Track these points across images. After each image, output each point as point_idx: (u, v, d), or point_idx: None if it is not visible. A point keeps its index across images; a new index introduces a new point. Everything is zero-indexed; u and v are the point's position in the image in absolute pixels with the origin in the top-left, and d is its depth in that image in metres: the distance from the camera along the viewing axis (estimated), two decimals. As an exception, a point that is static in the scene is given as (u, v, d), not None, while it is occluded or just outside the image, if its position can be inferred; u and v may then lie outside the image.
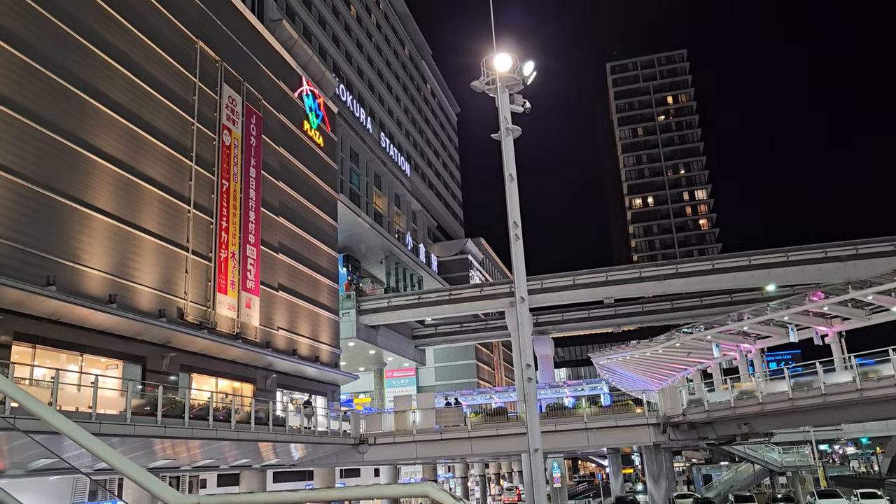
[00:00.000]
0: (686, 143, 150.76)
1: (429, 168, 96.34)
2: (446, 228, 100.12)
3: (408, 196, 78.18)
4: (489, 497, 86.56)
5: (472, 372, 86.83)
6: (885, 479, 64.72)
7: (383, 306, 59.40)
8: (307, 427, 34.56)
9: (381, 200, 69.91)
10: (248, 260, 39.28)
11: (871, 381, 27.51)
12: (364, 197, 64.63)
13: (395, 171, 76.31)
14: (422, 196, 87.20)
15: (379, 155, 71.52)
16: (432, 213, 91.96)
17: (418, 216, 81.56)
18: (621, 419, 36.56)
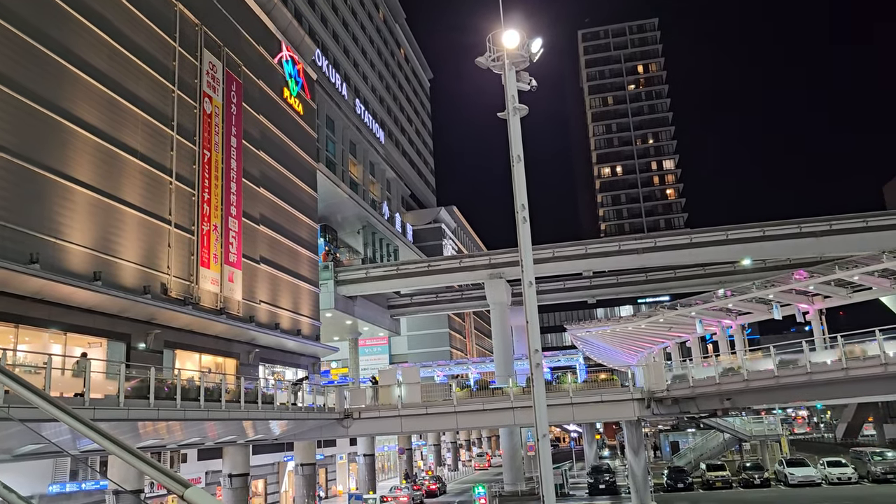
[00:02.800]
0: (655, 112, 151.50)
1: (402, 135, 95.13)
2: (419, 197, 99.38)
3: (382, 164, 77.15)
4: (460, 463, 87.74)
5: (444, 341, 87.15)
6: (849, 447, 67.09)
7: (361, 277, 58.85)
8: (294, 404, 34.16)
9: (356, 168, 68.84)
10: (231, 232, 38.31)
11: (857, 361, 28.12)
12: (340, 165, 63.54)
13: (370, 138, 75.11)
14: (396, 164, 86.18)
15: (354, 122, 70.21)
16: (406, 181, 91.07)
17: (392, 184, 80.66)
18: (606, 394, 36.96)
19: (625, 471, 59.40)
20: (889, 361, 27.25)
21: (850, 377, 28.30)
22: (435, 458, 74.51)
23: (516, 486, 52.08)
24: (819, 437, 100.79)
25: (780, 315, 41.12)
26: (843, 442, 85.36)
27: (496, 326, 58.62)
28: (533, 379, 21.43)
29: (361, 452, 55.67)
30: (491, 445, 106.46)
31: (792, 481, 45.84)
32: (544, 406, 21.61)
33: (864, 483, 45.33)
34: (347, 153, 65.91)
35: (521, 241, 22.67)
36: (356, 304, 61.17)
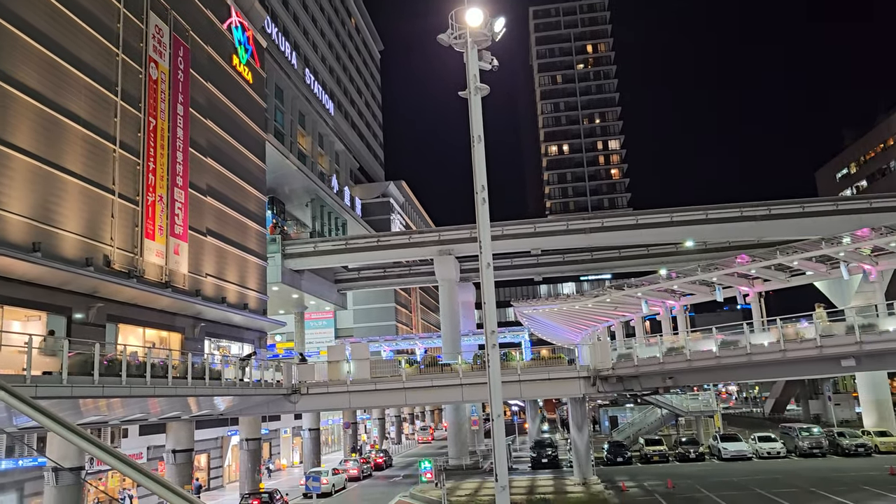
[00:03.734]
0: (603, 92, 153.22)
1: (352, 107, 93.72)
2: (368, 170, 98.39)
3: (331, 136, 75.97)
4: (404, 436, 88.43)
5: (390, 315, 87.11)
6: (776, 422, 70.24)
7: (309, 251, 58.09)
8: (242, 379, 33.66)
9: (305, 140, 67.61)
10: (177, 204, 37.20)
11: (794, 343, 29.32)
12: (289, 136, 62.30)
13: (320, 109, 73.76)
14: (345, 136, 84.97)
15: (303, 92, 68.79)
16: (355, 154, 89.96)
17: (341, 157, 79.58)
18: (554, 372, 37.59)
19: (566, 445, 60.92)
20: (824, 344, 28.50)
21: (788, 358, 29.52)
22: (379, 431, 74.86)
23: (461, 460, 52.80)
24: (748, 412, 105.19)
25: (722, 297, 42.55)
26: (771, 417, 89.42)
27: (444, 303, 58.86)
28: (489, 360, 21.61)
29: (307, 427, 55.51)
30: (434, 419, 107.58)
31: (725, 455, 47.73)
32: (499, 387, 21.87)
33: (791, 457, 47.56)
34: (296, 124, 64.63)
35: (479, 222, 22.74)
36: (303, 278, 60.46)
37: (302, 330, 66.60)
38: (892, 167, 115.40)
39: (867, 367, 32.15)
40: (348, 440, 64.06)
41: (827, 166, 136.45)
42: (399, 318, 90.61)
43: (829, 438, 48.65)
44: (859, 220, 51.13)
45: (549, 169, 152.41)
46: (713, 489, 35.41)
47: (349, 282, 71.27)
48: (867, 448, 46.41)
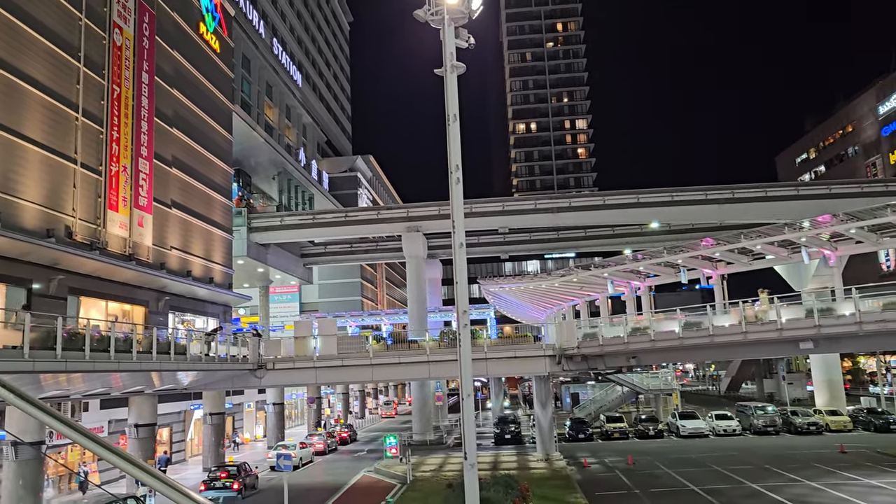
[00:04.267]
0: (571, 71, 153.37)
1: (320, 79, 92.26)
2: (335, 144, 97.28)
3: (299, 108, 74.82)
4: (367, 411, 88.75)
5: (356, 290, 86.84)
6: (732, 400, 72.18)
7: (276, 225, 57.42)
8: (208, 354, 33.32)
9: (272, 112, 66.49)
10: (141, 174, 36.38)
11: (756, 325, 30.05)
12: (255, 107, 61.18)
13: (287, 80, 72.51)
14: (312, 109, 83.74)
15: (271, 63, 67.50)
16: (322, 126, 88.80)
17: (308, 130, 78.49)
18: (520, 350, 38.00)
19: (528, 421, 61.79)
20: (784, 327, 29.28)
21: (749, 340, 30.29)
22: (343, 406, 74.98)
23: (425, 436, 53.23)
24: (705, 390, 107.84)
25: (686, 279, 43.34)
26: (727, 395, 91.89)
27: (411, 280, 58.85)
28: (460, 340, 21.69)
29: (271, 401, 55.41)
30: (398, 394, 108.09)
31: (683, 433, 48.95)
32: (469, 367, 21.99)
33: (746, 435, 48.98)
34: (263, 95, 63.47)
35: (453, 202, 22.60)
36: (269, 252, 59.82)
37: (267, 304, 66.08)
38: (850, 153, 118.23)
39: (824, 350, 33.20)
40: (312, 415, 64.08)
41: (787, 151, 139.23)
42: (365, 293, 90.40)
43: (783, 417, 50.21)
44: (819, 206, 52.43)
45: (516, 147, 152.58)
46: (672, 466, 36.33)
47: (315, 256, 70.76)
48: (819, 426, 48.03)
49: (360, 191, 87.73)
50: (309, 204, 70.24)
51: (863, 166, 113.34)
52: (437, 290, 73.61)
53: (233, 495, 32.83)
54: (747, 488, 29.50)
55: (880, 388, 62.65)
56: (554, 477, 34.17)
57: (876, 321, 26.98)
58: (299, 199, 67.39)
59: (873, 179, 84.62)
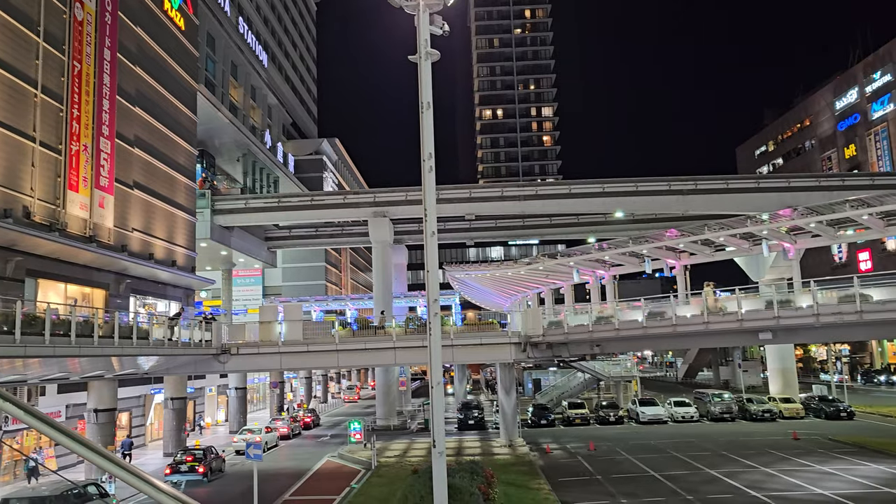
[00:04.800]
0: (538, 59, 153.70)
1: (286, 60, 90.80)
2: (301, 126, 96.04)
3: (264, 89, 73.63)
4: (330, 395, 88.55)
5: (320, 274, 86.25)
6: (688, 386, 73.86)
7: (240, 207, 56.58)
8: (171, 339, 32.81)
9: (237, 92, 65.33)
10: (102, 154, 35.47)
11: (717, 316, 30.72)
12: (220, 87, 60.04)
13: (253, 60, 71.24)
14: (278, 90, 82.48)
15: (236, 42, 66.21)
16: (288, 108, 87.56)
17: (274, 111, 77.33)
18: (486, 338, 38.17)
19: (491, 407, 62.34)
20: (744, 317, 29.98)
21: (711, 330, 30.98)
22: (306, 390, 74.64)
23: (389, 421, 53.33)
24: (662, 376, 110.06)
25: (650, 269, 44.02)
26: (684, 381, 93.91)
27: (377, 265, 58.64)
28: (430, 329, 21.71)
29: (233, 385, 54.94)
30: (360, 378, 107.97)
31: (643, 419, 49.88)
32: (439, 355, 22.05)
33: (704, 421, 50.16)
34: (228, 75, 62.29)
35: (425, 191, 22.52)
36: (233, 235, 58.97)
37: (229, 287, 65.27)
38: (807, 147, 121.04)
39: (782, 340, 34.10)
40: (275, 399, 63.74)
41: (747, 143, 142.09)
42: (329, 277, 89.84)
43: (739, 404, 51.52)
44: (779, 198, 53.67)
45: (482, 133, 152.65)
46: (632, 452, 37.05)
47: (280, 240, 69.99)
48: (773, 413, 49.44)
49: (325, 174, 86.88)
50: (274, 187, 69.36)
51: (819, 160, 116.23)
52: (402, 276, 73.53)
53: (198, 479, 32.64)
54: (705, 474, 30.25)
55: (831, 376, 64.70)
56: (517, 463, 34.57)
57: (832, 313, 27.80)
58: (264, 181, 66.47)
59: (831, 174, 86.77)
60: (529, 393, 71.93)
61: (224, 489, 32.31)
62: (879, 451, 34.20)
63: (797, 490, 26.48)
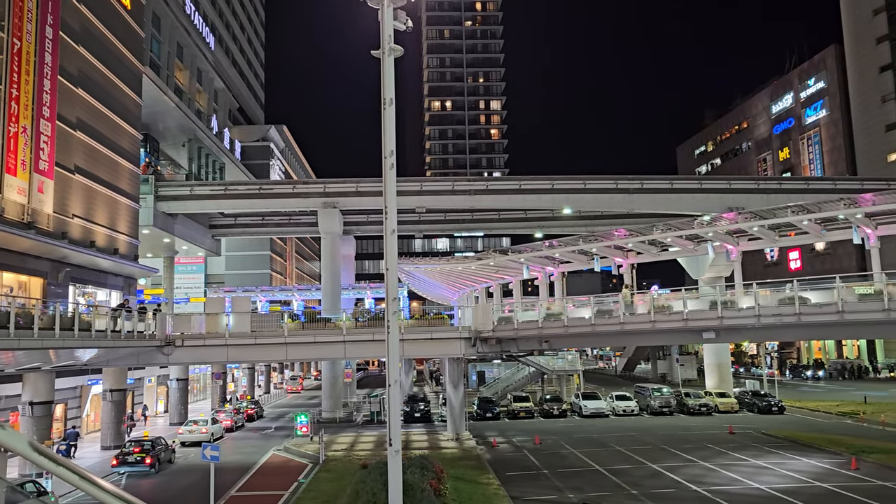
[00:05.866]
0: (488, 52, 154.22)
1: (233, 43, 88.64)
2: (247, 111, 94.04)
3: (211, 72, 71.75)
4: (272, 386, 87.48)
5: (265, 263, 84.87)
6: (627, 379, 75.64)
7: (185, 194, 55.11)
8: (115, 330, 31.83)
9: (182, 74, 63.46)
10: (42, 137, 34.04)
11: (664, 315, 31.60)
12: (165, 69, 58.19)
13: (200, 42, 69.31)
14: (225, 73, 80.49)
15: (183, 23, 64.27)
16: (234, 93, 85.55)
17: (220, 95, 75.47)
18: (436, 332, 38.38)
19: (437, 399, 62.67)
20: (689, 317, 30.92)
21: (657, 329, 31.82)
22: (249, 381, 73.50)
23: (335, 413, 53.07)
24: (601, 369, 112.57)
25: (599, 267, 44.91)
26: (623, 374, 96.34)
27: (326, 257, 58.07)
28: (388, 327, 21.65)
29: (174, 377, 53.69)
30: (303, 368, 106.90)
31: (585, 412, 50.95)
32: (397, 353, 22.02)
33: (643, 415, 51.58)
34: (174, 57, 60.43)
35: (386, 188, 22.31)
36: (177, 222, 57.44)
37: (171, 275, 63.63)
38: (744, 148, 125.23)
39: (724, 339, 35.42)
40: (217, 390, 62.60)
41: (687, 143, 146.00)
42: (274, 266, 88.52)
43: (677, 398, 53.16)
44: (720, 199, 55.46)
45: (431, 124, 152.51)
46: (577, 446, 37.82)
47: (225, 228, 68.49)
48: (709, 408, 51.20)
49: (272, 161, 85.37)
50: (220, 173, 67.77)
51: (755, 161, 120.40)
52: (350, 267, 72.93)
53: (145, 470, 32.11)
54: (648, 469, 31.13)
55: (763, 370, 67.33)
56: (465, 457, 34.83)
57: (773, 315, 28.95)
58: (210, 167, 64.87)
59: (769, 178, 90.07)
60: (474, 385, 72.44)
61: (170, 482, 31.66)
62: (809, 445, 35.81)
63: (735, 485, 27.53)
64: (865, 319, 27.67)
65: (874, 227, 32.78)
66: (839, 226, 34.91)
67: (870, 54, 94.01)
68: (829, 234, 36.32)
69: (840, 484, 26.88)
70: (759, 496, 25.64)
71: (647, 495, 26.14)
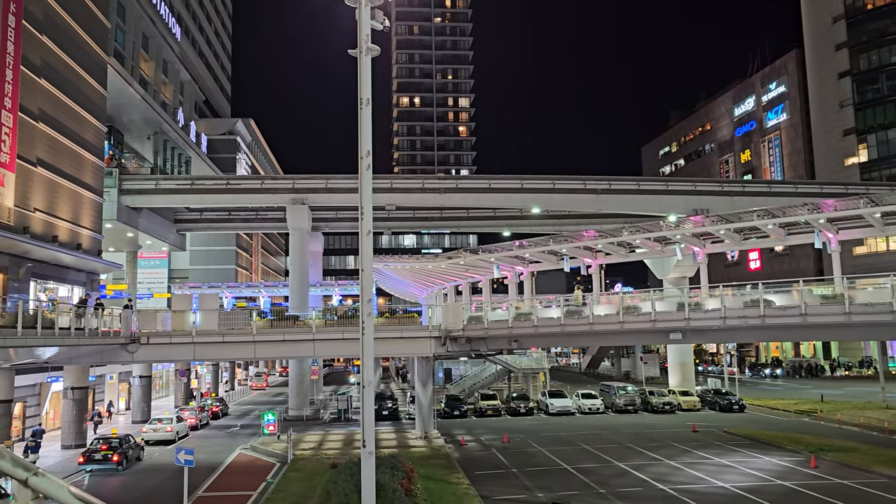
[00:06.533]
0: (458, 49, 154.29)
1: (200, 34, 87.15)
2: (213, 104, 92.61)
3: (177, 63, 70.53)
4: (237, 382, 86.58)
5: (230, 258, 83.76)
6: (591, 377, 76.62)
7: (150, 188, 54.07)
8: (79, 328, 31.12)
9: (147, 65, 62.29)
10: (3, 128, 33.09)
11: (632, 316, 32.05)
12: (130, 60, 57.08)
13: (165, 33, 68.03)
14: (191, 65, 79.14)
15: (149, 12, 63.02)
16: (201, 85, 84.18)
17: (186, 87, 74.22)
18: (406, 331, 38.32)
19: (403, 397, 62.68)
20: (657, 318, 31.42)
21: (625, 329, 32.26)
22: (213, 378, 72.54)
23: (301, 411, 52.74)
24: (566, 366, 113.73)
25: (568, 267, 45.33)
26: (587, 372, 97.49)
27: (294, 254, 57.53)
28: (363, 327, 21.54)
29: (137, 374, 52.82)
30: (268, 365, 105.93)
31: (552, 410, 51.50)
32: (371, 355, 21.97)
33: (609, 413, 52.31)
34: (139, 47, 59.27)
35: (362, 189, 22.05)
36: (141, 217, 56.35)
37: (134, 270, 62.39)
38: (707, 150, 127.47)
39: (690, 340, 36.05)
40: (182, 387, 61.71)
41: (652, 143, 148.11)
42: (240, 262, 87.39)
43: (642, 397, 54.02)
44: (685, 201, 56.37)
45: (399, 120, 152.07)
46: (544, 444, 38.20)
47: (191, 222, 67.37)
48: (672, 406, 52.13)
49: (239, 155, 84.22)
50: (185, 167, 66.63)
51: (717, 163, 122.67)
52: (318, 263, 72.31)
53: (112, 468, 31.78)
54: (615, 467, 31.59)
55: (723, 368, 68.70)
56: (434, 456, 34.95)
57: (738, 317, 29.59)
58: (175, 161, 63.72)
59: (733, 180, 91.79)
60: (440, 382, 72.44)
61: (137, 481, 31.19)
62: (770, 443, 36.72)
63: (700, 483, 28.09)
64: (827, 322, 28.45)
65: (835, 231, 33.67)
66: (802, 230, 35.78)
67: (829, 60, 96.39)
68: (791, 237, 37.21)
69: (801, 482, 27.61)
70: (724, 495, 26.20)
71: (615, 494, 26.53)
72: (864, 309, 27.39)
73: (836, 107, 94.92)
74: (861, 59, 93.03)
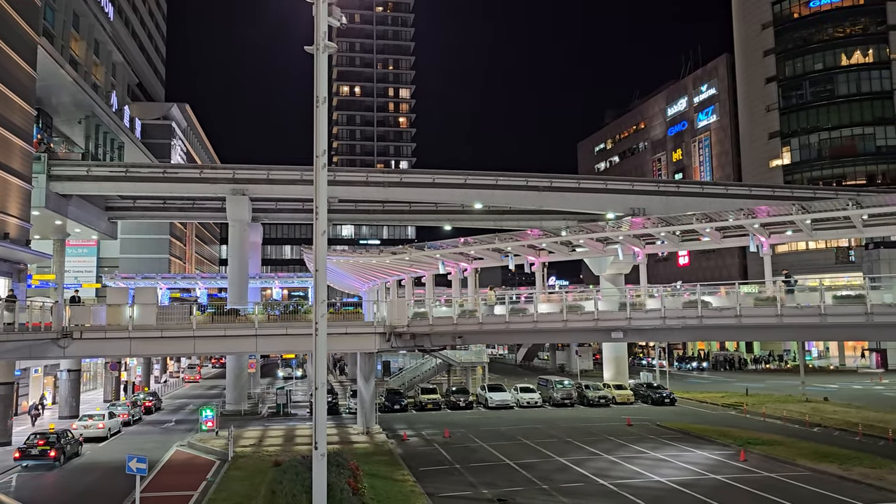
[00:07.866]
0: (399, 39, 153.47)
1: (133, 14, 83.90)
2: (147, 87, 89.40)
3: (109, 44, 67.74)
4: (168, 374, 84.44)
5: (164, 247, 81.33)
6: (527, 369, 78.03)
7: (81, 174, 51.89)
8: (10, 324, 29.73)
9: (78, 45, 59.66)
10: (-74, 111, 31.24)
11: (576, 315, 32.81)
12: (60, 39, 54.54)
13: (98, 12, 65.20)
14: (124, 46, 76.17)
15: (80, -11, 60.30)
16: (134, 67, 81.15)
17: (119, 69, 71.40)
18: (352, 327, 38.06)
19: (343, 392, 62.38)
20: (600, 317, 32.28)
21: (569, 328, 32.98)
22: (144, 370, 70.46)
23: (239, 406, 51.87)
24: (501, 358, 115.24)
25: (513, 265, 46.00)
26: (522, 364, 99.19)
27: (234, 245, 56.28)
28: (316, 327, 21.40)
29: (65, 367, 50.88)
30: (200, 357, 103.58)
31: (491, 404, 52.20)
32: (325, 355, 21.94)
33: (546, 407, 53.40)
34: (70, 26, 56.68)
35: (317, 189, 22.05)
36: (71, 204, 54.06)
37: (62, 259, 59.85)
38: (641, 148, 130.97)
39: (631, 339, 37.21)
40: (111, 381, 59.76)
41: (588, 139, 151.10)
42: (173, 251, 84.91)
43: (578, 390, 55.36)
44: (623, 200, 57.94)
45: (339, 109, 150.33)
46: (485, 439, 38.69)
47: (123, 210, 64.98)
48: (607, 400, 53.67)
49: (173, 141, 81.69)
50: (119, 153, 64.17)
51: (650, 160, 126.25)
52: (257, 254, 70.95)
53: (49, 463, 31.07)
54: (556, 462, 32.28)
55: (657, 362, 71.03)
56: (377, 452, 34.91)
57: (677, 317, 30.67)
58: (108, 146, 61.25)
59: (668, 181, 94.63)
60: (379, 375, 72.41)
61: (72, 480, 30.20)
62: (701, 437, 38.21)
63: (638, 477, 29.01)
64: (761, 323, 29.79)
65: (768, 235, 35.26)
66: (736, 233, 37.33)
67: (757, 65, 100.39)
68: (727, 240, 38.76)
69: (732, 476, 28.87)
70: (661, 489, 27.14)
71: (558, 490, 27.12)
72: (794, 311, 28.84)
73: (763, 110, 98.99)
74: (787, 65, 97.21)
